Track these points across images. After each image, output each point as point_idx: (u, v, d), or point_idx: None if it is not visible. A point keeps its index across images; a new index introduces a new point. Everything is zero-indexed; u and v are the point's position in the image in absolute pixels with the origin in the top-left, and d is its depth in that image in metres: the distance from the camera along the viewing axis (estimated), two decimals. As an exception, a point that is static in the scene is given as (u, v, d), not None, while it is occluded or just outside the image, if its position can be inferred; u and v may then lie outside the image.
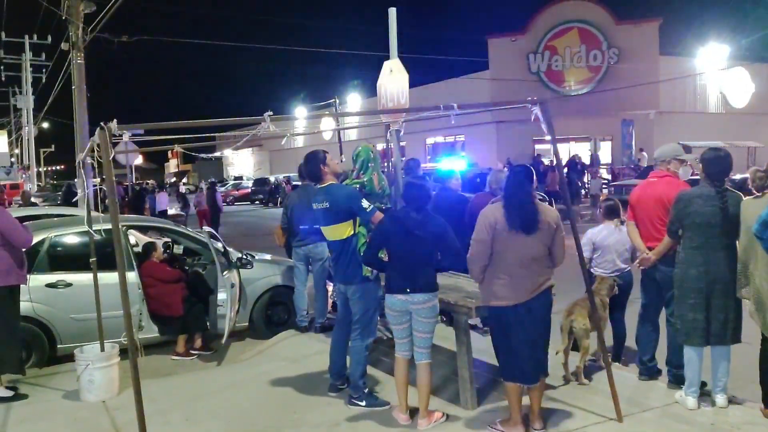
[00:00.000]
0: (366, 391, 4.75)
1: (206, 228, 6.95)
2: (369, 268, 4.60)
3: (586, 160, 27.08)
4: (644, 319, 5.14)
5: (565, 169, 25.82)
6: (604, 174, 26.79)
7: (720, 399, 4.47)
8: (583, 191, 24.58)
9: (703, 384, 4.63)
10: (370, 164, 4.95)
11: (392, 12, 5.91)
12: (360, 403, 4.71)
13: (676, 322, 4.59)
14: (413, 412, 4.46)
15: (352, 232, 4.69)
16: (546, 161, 26.47)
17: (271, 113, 3.55)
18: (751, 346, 4.47)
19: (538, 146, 28.16)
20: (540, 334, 4.16)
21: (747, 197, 4.40)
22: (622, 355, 5.75)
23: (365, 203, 4.61)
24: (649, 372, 5.09)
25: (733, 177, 12.99)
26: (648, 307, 5.11)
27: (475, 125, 28.65)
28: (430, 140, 35.24)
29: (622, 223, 5.52)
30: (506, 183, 4.22)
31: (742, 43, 29.93)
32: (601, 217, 5.89)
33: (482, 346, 5.83)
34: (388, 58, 6.52)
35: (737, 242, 4.31)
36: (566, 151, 28.20)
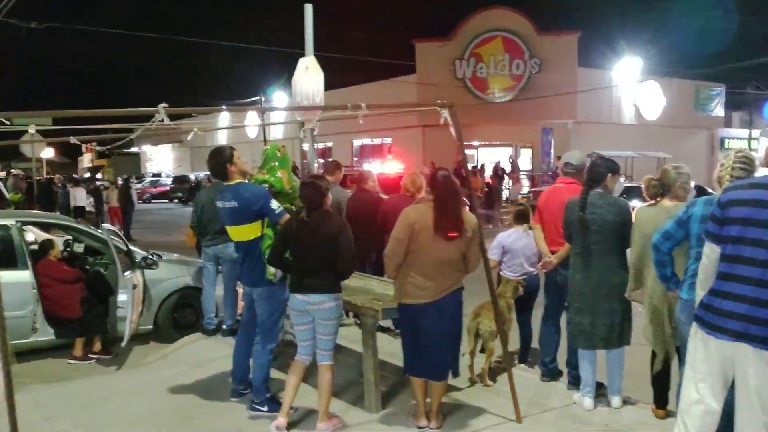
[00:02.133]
0: (269, 396, 4.63)
1: (106, 225, 6.64)
2: (272, 272, 4.48)
3: (507, 167, 27.75)
4: (546, 321, 5.26)
5: (489, 175, 26.47)
6: (525, 180, 27.54)
7: (614, 400, 4.62)
8: (503, 196, 25.14)
9: (601, 385, 4.77)
10: (273, 163, 4.82)
11: (308, 8, 5.84)
12: (262, 408, 4.59)
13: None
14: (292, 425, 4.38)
15: (260, 234, 4.56)
16: (469, 167, 26.95)
17: (165, 105, 3.37)
18: (647, 347, 4.61)
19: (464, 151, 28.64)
20: (449, 332, 4.23)
21: (642, 204, 4.57)
22: (528, 356, 5.88)
23: (274, 204, 4.49)
24: (551, 373, 5.21)
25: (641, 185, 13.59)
26: (550, 309, 5.24)
27: (402, 128, 28.85)
28: (357, 142, 35.23)
29: (531, 228, 5.63)
30: (439, 188, 4.18)
31: (654, 58, 31.50)
32: (512, 221, 6.01)
33: (392, 349, 5.82)
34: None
35: (629, 248, 4.46)
36: (476, 156, 28.95)
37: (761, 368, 2.86)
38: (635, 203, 7.61)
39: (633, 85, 31.27)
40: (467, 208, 4.41)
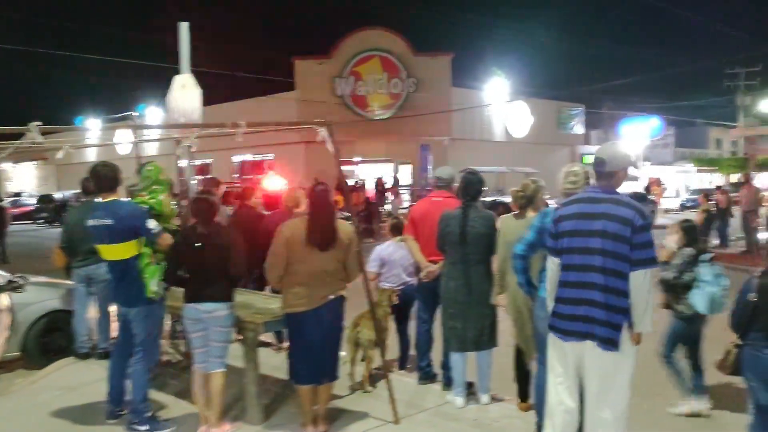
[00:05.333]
0: (148, 415, 4.57)
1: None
2: (154, 290, 4.46)
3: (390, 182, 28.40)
4: (421, 326, 5.56)
5: (370, 189, 26.97)
6: (406, 195, 28.35)
7: (483, 397, 4.99)
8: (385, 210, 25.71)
9: (471, 384, 5.13)
10: (155, 186, 4.80)
11: (183, 26, 5.84)
12: (141, 428, 4.53)
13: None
14: None
15: (137, 252, 4.50)
16: (351, 182, 27.35)
17: (39, 123, 3.29)
18: (511, 348, 5.01)
19: (345, 167, 28.97)
20: (328, 338, 4.41)
21: (508, 214, 4.96)
22: (407, 362, 6.14)
23: (152, 224, 4.48)
24: (427, 376, 5.52)
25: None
26: (424, 315, 5.53)
27: (283, 145, 28.80)
28: (237, 158, 34.67)
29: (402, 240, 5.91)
30: (311, 202, 4.43)
31: (521, 80, 33.68)
32: (388, 234, 6.29)
33: (275, 363, 5.89)
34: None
35: (494, 256, 4.85)
36: (357, 172, 29.47)
37: (603, 367, 3.24)
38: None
39: (502, 105, 33.21)
40: (346, 220, 4.63)
